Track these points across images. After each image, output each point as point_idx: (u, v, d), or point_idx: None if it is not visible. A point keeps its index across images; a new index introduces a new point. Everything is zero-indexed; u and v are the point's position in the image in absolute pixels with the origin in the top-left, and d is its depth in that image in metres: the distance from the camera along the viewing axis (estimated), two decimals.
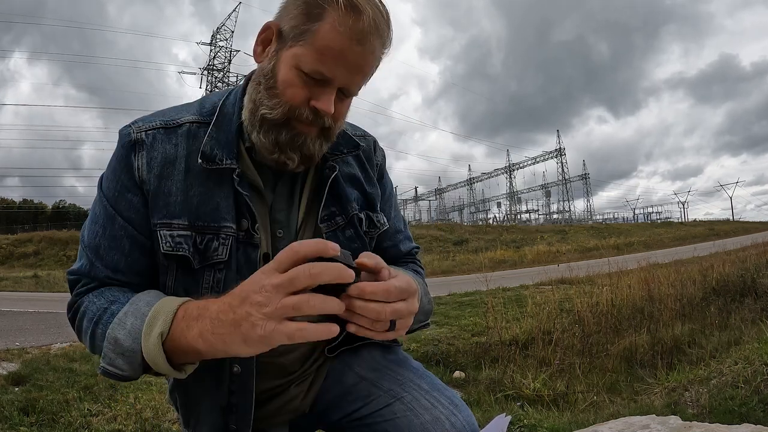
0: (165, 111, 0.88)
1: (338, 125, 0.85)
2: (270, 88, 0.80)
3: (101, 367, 0.74)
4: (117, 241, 0.81)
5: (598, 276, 7.70)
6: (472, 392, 3.45)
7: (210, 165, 0.81)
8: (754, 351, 3.12)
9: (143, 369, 0.73)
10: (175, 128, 0.84)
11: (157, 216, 0.81)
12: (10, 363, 3.79)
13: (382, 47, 0.79)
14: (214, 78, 47.17)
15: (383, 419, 0.85)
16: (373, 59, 0.79)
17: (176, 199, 0.81)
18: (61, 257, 26.17)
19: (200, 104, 0.89)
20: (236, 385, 0.85)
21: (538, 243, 28.74)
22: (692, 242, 22.62)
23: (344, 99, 0.83)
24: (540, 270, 10.29)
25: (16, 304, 9.79)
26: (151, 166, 0.81)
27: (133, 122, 0.85)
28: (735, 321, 4.49)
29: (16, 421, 2.50)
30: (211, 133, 0.83)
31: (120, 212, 0.81)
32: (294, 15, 0.78)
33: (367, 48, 0.76)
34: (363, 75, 0.80)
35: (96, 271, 0.82)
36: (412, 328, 0.85)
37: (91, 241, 0.82)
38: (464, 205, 73.85)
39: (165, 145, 0.82)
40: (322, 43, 0.74)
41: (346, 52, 0.75)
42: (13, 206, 55.95)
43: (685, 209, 75.80)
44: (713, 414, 2.52)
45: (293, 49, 0.77)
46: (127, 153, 0.81)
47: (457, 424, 0.82)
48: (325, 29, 0.74)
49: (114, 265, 0.82)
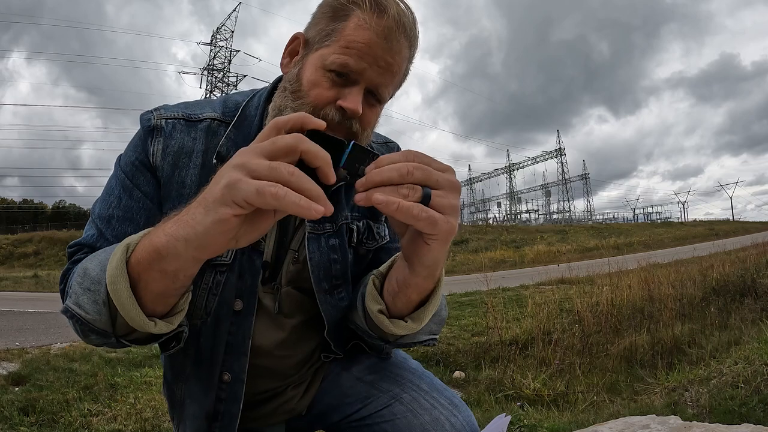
0: (189, 104, 0.87)
1: (366, 134, 0.80)
2: (295, 92, 0.78)
3: (64, 306, 0.67)
4: (132, 213, 0.79)
5: (598, 276, 7.69)
6: (472, 392, 3.44)
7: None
8: (754, 351, 3.12)
9: (109, 314, 0.62)
10: (196, 122, 0.83)
11: (168, 204, 0.80)
12: (10, 363, 3.78)
13: (410, 47, 0.78)
14: (214, 78, 47.15)
15: (383, 420, 0.85)
16: (401, 60, 0.77)
17: (189, 191, 0.80)
18: (61, 257, 26.15)
19: (224, 102, 0.88)
20: (225, 393, 0.84)
21: (538, 243, 28.73)
22: (692, 242, 22.60)
23: (374, 106, 0.79)
24: (540, 270, 10.29)
25: (16, 304, 9.77)
26: (166, 154, 0.80)
27: (155, 108, 0.85)
28: (735, 321, 4.49)
29: (16, 421, 2.50)
30: (230, 134, 0.82)
31: (138, 185, 0.80)
32: (320, 20, 0.78)
33: (393, 45, 0.74)
34: (391, 75, 0.77)
35: (103, 242, 0.77)
36: (419, 339, 0.81)
37: (104, 211, 0.80)
38: (464, 205, 73.75)
39: (183, 137, 0.81)
40: (347, 38, 0.74)
41: (372, 45, 0.73)
42: (13, 206, 55.94)
43: (685, 209, 75.91)
44: (713, 414, 2.51)
45: (319, 51, 0.76)
46: (145, 137, 0.81)
47: (457, 425, 0.82)
48: (350, 27, 0.74)
49: (125, 236, 0.76)
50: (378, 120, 0.83)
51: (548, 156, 67.89)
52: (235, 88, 47.49)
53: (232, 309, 0.82)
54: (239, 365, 0.83)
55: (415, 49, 0.80)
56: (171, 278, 0.59)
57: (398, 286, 0.72)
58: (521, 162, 70.65)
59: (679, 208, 77.77)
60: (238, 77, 47.36)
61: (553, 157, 67.33)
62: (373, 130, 0.83)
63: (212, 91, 46.70)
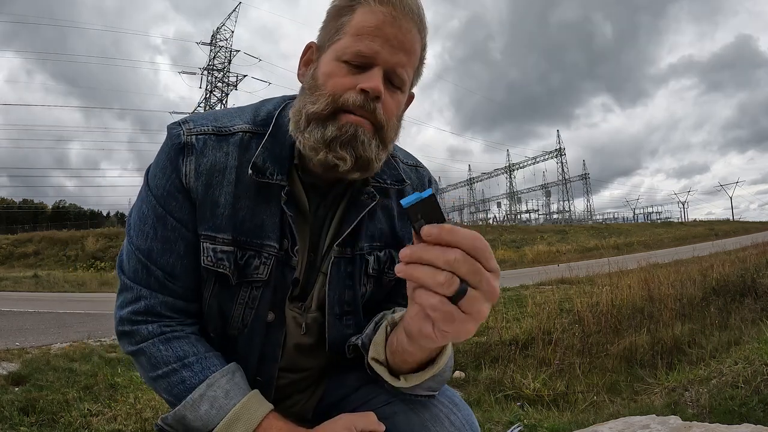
0: (217, 115, 0.84)
1: (391, 125, 0.79)
2: (311, 87, 0.78)
3: (158, 425, 0.77)
4: (170, 244, 0.79)
5: (598, 276, 7.70)
6: (472, 392, 3.45)
7: (260, 178, 0.78)
8: (754, 351, 3.12)
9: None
10: (227, 136, 0.81)
11: (202, 226, 0.79)
12: (10, 363, 3.78)
13: (419, 31, 0.78)
14: (214, 78, 47.13)
15: (383, 417, 0.85)
16: (412, 39, 0.76)
17: (224, 211, 0.78)
18: (61, 257, 26.15)
19: (254, 112, 0.86)
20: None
21: (538, 243, 28.75)
22: (692, 242, 22.60)
23: (394, 92, 0.78)
24: (540, 270, 10.28)
25: (16, 304, 9.76)
26: (199, 173, 0.78)
27: (183, 121, 0.82)
28: (735, 321, 4.49)
29: (16, 421, 2.50)
30: (266, 144, 0.80)
31: (171, 212, 0.78)
32: (328, 22, 0.79)
33: (402, 25, 0.75)
34: (406, 53, 0.76)
35: (153, 278, 0.78)
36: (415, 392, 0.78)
37: (142, 243, 0.79)
38: (464, 205, 73.82)
39: (215, 153, 0.79)
40: (356, 27, 0.74)
41: (381, 26, 0.73)
42: (13, 206, 55.95)
43: (685, 209, 75.86)
44: (713, 414, 2.51)
45: (331, 47, 0.77)
46: (176, 156, 0.78)
47: (456, 423, 0.82)
48: (357, 17, 0.75)
49: (170, 269, 0.79)
50: (402, 111, 0.82)
51: (548, 156, 67.93)
52: (235, 88, 47.52)
53: (266, 321, 0.83)
54: (270, 370, 0.86)
55: (424, 33, 0.79)
56: None
57: (398, 345, 0.71)
58: (521, 162, 70.66)
59: (680, 208, 77.80)
60: (238, 77, 47.35)
61: (553, 157, 67.36)
62: (399, 120, 0.82)
63: (212, 91, 46.70)
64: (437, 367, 0.72)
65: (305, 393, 0.97)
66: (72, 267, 23.29)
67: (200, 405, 0.72)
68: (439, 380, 0.78)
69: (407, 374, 0.73)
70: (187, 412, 0.72)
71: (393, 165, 0.90)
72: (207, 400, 0.72)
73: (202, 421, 0.71)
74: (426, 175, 0.98)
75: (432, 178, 0.99)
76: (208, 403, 0.72)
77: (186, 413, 0.72)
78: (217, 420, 0.70)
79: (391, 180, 0.89)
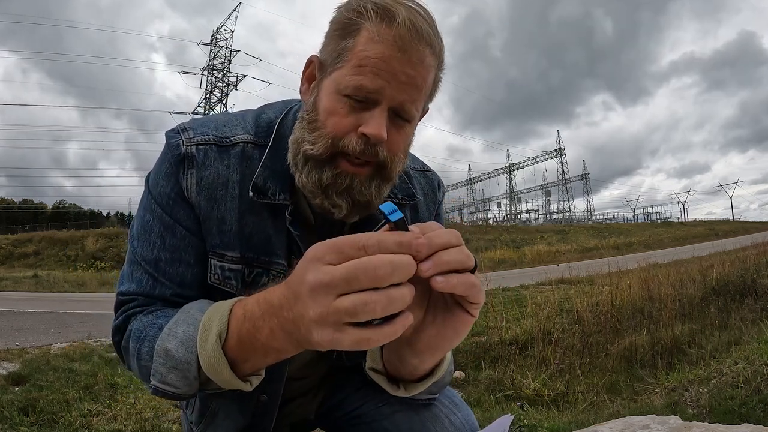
0: (217, 121, 0.80)
1: (397, 161, 0.73)
2: (311, 122, 0.72)
3: (152, 386, 0.67)
4: (179, 253, 0.75)
5: (598, 276, 7.70)
6: (471, 392, 3.45)
7: (262, 199, 0.75)
8: (754, 351, 3.12)
9: (200, 383, 0.66)
10: (228, 147, 0.77)
11: (210, 242, 0.76)
12: (10, 363, 3.78)
13: (433, 53, 0.69)
14: (214, 78, 47.14)
15: (382, 417, 0.85)
16: (424, 69, 0.68)
17: (230, 228, 0.76)
18: (61, 257, 26.15)
19: (255, 120, 0.82)
20: (260, 410, 0.85)
21: (538, 243, 28.76)
22: (692, 242, 22.59)
23: (401, 126, 0.71)
24: (540, 270, 10.27)
25: (16, 304, 9.76)
26: (201, 187, 0.75)
27: (182, 128, 0.78)
28: (735, 321, 4.49)
29: (16, 421, 2.50)
30: (266, 162, 0.76)
31: (179, 221, 0.75)
32: (330, 40, 0.72)
33: (412, 55, 0.66)
34: (416, 89, 0.68)
35: (161, 287, 0.75)
36: (416, 397, 0.76)
37: (149, 254, 0.75)
38: (464, 205, 73.84)
39: (217, 165, 0.76)
40: (359, 56, 0.66)
41: (388, 59, 0.65)
42: (13, 206, 55.95)
43: (685, 209, 75.88)
44: (713, 414, 2.51)
45: (333, 74, 0.70)
46: (176, 168, 0.75)
47: (456, 422, 0.82)
48: (361, 42, 0.67)
49: (180, 278, 0.76)
50: (410, 141, 0.76)
51: (548, 156, 67.96)
52: (235, 88, 47.54)
53: None
54: (275, 389, 0.85)
55: (440, 52, 0.71)
56: (271, 360, 0.62)
57: (397, 358, 0.69)
58: (521, 162, 70.68)
59: (680, 208, 77.77)
60: (237, 77, 47.36)
61: (553, 157, 67.40)
62: (406, 154, 0.76)
63: (212, 91, 46.71)
64: (438, 374, 0.71)
65: (307, 396, 0.97)
66: (72, 267, 23.29)
67: (177, 329, 0.67)
68: (440, 385, 0.77)
69: (408, 383, 0.72)
70: (167, 343, 0.66)
71: (405, 179, 0.87)
72: (182, 322, 0.67)
73: (183, 342, 0.65)
74: (435, 178, 0.96)
75: (440, 181, 0.98)
76: (183, 324, 0.66)
77: (167, 345, 0.66)
78: (195, 333, 0.64)
79: (403, 194, 0.86)
